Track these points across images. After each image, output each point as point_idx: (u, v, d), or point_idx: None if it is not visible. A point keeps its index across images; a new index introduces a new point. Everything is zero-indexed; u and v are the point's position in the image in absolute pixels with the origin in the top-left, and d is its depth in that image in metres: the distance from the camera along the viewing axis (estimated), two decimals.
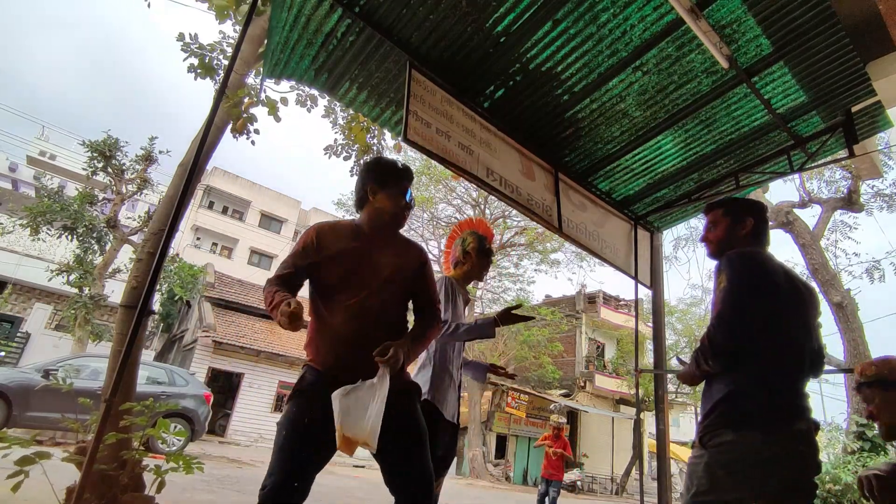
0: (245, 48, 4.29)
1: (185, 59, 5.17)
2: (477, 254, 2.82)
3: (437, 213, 18.23)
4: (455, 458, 17.53)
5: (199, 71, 5.17)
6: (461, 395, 2.93)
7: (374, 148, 6.53)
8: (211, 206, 29.41)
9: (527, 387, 19.82)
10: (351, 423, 1.56)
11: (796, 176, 9.33)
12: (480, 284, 18.52)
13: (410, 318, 1.96)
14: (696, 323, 21.89)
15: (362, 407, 1.57)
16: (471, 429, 17.18)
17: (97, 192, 12.99)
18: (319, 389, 1.66)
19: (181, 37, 5.13)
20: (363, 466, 13.51)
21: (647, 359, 19.17)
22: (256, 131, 4.88)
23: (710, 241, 1.92)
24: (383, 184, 1.90)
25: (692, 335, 21.84)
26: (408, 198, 1.94)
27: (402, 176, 1.95)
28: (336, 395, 1.58)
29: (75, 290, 12.55)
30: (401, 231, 2.04)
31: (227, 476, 6.69)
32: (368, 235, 1.88)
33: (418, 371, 2.61)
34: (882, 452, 7.50)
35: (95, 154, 12.00)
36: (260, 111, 5.33)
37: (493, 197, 12.32)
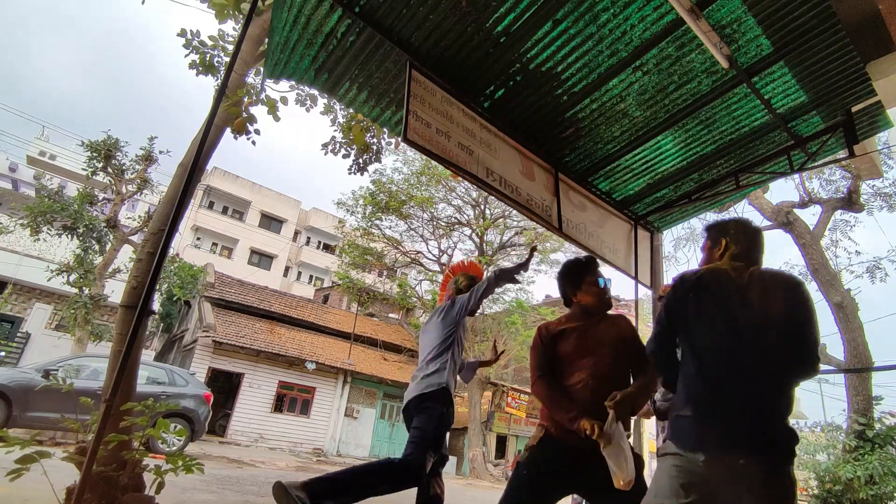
0: (245, 48, 4.29)
1: (186, 56, 5.20)
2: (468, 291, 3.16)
3: (437, 213, 18.22)
4: (455, 458, 17.54)
5: (199, 68, 5.19)
6: (460, 396, 3.12)
7: (374, 147, 6.53)
8: (211, 206, 29.42)
9: (527, 387, 19.83)
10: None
11: (796, 176, 9.33)
12: None
13: None
14: None
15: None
16: (471, 429, 17.18)
17: (97, 192, 12.99)
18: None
19: (183, 32, 5.14)
20: None
21: None
22: (257, 131, 4.88)
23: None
24: (578, 284, 2.27)
25: None
26: (602, 284, 2.27)
27: (588, 270, 2.31)
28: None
29: (75, 290, 12.54)
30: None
31: (228, 476, 6.69)
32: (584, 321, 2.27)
33: (436, 371, 2.78)
34: (878, 450, 7.50)
35: (95, 154, 12.00)
36: (260, 111, 5.37)
37: (493, 197, 12.31)
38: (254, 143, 5.16)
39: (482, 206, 18.03)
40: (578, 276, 2.29)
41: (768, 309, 1.71)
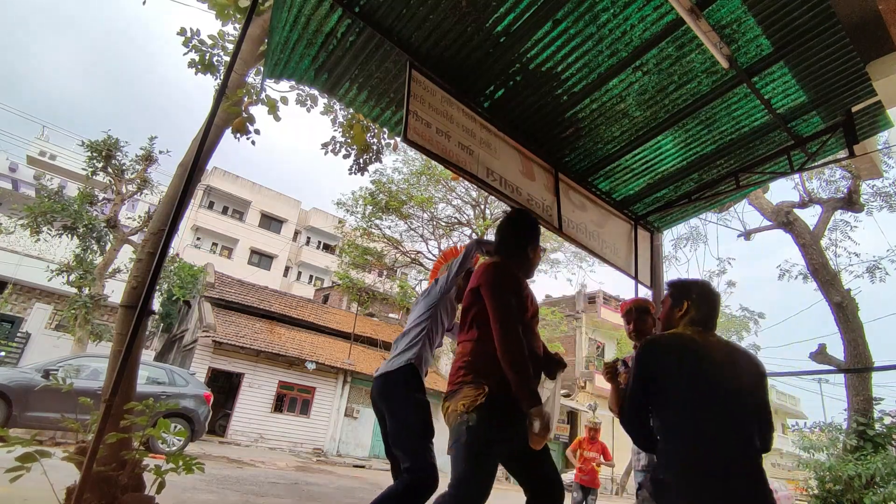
0: (245, 47, 4.29)
1: (185, 54, 5.20)
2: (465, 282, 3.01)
3: (436, 213, 18.22)
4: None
5: (199, 67, 5.19)
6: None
7: (374, 147, 6.53)
8: (211, 206, 29.43)
9: None
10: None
11: (796, 176, 9.33)
12: None
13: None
14: None
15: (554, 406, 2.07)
16: None
17: (97, 192, 12.98)
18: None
19: (182, 31, 5.14)
20: (363, 466, 13.51)
21: None
22: (257, 131, 4.88)
23: (658, 320, 2.18)
24: (536, 241, 2.37)
25: None
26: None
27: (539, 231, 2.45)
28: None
29: (75, 290, 12.54)
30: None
31: (228, 476, 6.70)
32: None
33: (405, 349, 2.56)
34: (881, 450, 7.50)
35: (95, 154, 12.00)
36: (260, 111, 5.38)
37: (493, 197, 12.29)
38: (253, 143, 5.16)
39: (482, 206, 18.04)
40: (538, 233, 2.39)
41: (739, 380, 1.78)
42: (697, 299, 1.96)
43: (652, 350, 1.88)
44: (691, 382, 1.77)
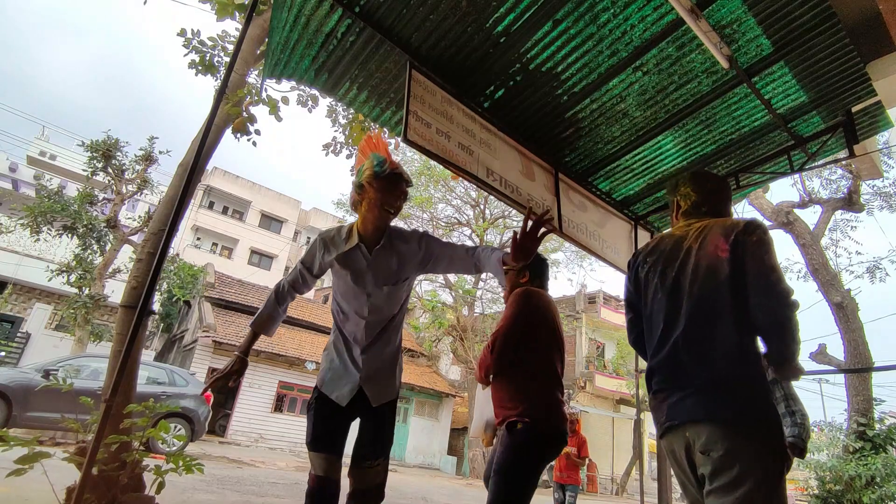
0: (245, 48, 4.29)
1: (185, 55, 5.20)
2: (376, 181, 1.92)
3: (436, 213, 18.22)
4: (455, 458, 17.48)
5: (199, 68, 5.19)
6: (461, 396, 3.06)
7: None
8: (211, 206, 29.42)
9: None
10: None
11: (797, 176, 9.33)
12: (480, 284, 18.48)
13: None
14: None
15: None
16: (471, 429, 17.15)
17: (97, 192, 12.97)
18: None
19: (182, 32, 5.14)
20: None
21: None
22: (257, 131, 4.88)
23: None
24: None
25: None
26: None
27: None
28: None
29: (75, 290, 12.53)
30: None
31: (228, 476, 6.69)
32: None
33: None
34: (881, 451, 7.50)
35: (95, 154, 11.99)
36: (261, 111, 5.39)
37: (493, 197, 12.31)
38: (254, 143, 5.16)
39: (482, 206, 18.03)
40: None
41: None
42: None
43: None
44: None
